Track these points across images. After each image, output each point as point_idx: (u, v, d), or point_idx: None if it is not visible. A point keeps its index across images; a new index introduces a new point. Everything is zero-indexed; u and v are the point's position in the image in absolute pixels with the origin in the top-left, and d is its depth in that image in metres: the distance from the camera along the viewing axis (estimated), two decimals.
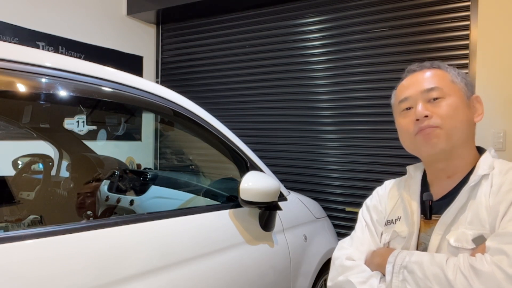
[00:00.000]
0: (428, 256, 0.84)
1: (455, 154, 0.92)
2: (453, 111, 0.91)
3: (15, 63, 1.01)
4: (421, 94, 0.94)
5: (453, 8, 2.60)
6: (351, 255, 1.00)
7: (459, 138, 0.91)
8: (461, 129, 0.91)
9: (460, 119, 0.91)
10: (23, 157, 2.13)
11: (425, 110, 0.91)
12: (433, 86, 0.93)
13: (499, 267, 0.74)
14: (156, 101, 1.37)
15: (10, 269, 0.87)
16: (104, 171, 2.12)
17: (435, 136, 0.90)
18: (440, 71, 0.97)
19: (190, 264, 1.29)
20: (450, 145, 0.91)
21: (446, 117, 0.90)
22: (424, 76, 0.97)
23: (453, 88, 0.93)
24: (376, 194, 1.12)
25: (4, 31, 2.80)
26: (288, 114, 3.25)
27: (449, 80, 0.94)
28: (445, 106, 0.91)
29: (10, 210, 1.63)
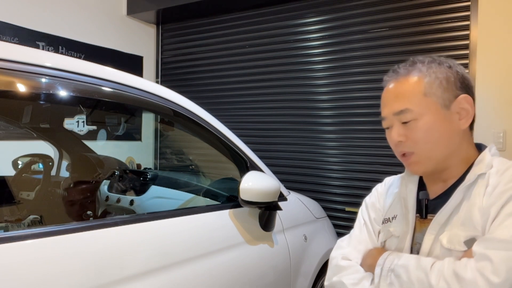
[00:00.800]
0: (414, 260, 0.83)
1: (443, 166, 0.89)
2: (426, 133, 0.86)
3: (15, 63, 1.01)
4: (394, 117, 0.89)
5: (453, 8, 2.60)
6: (347, 255, 1.00)
7: (440, 157, 0.87)
8: (439, 149, 0.87)
9: (436, 139, 0.86)
10: (23, 157, 2.13)
11: (398, 136, 0.88)
12: (402, 108, 0.87)
13: (482, 274, 0.73)
14: (156, 101, 1.37)
15: (10, 269, 0.87)
16: (104, 171, 2.12)
17: (413, 163, 0.89)
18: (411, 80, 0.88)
19: (190, 264, 1.29)
20: (432, 166, 0.89)
21: (420, 141, 0.86)
22: (395, 92, 0.90)
23: (426, 104, 0.86)
24: (375, 192, 1.10)
25: (4, 31, 2.80)
26: (288, 114, 3.25)
27: (421, 93, 0.86)
28: (417, 130, 0.86)
29: (10, 210, 1.63)
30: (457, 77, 0.88)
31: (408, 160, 0.90)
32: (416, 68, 0.90)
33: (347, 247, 1.02)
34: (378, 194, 1.08)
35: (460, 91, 0.87)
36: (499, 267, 0.72)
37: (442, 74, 0.87)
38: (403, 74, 0.91)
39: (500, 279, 0.71)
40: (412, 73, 0.89)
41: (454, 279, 0.75)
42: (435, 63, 0.89)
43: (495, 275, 0.72)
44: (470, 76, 2.49)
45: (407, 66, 0.92)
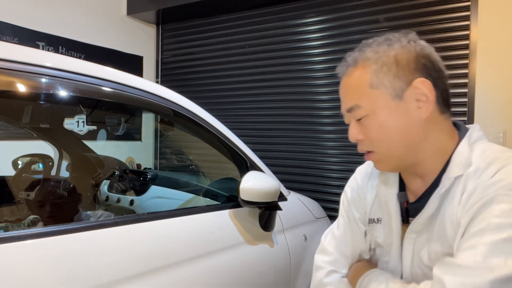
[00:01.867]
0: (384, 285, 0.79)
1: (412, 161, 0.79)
2: (380, 131, 0.76)
3: (15, 63, 1.01)
4: (347, 114, 0.81)
5: (453, 8, 2.60)
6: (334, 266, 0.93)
7: (401, 154, 0.78)
8: (397, 145, 0.77)
9: (392, 135, 0.76)
10: (23, 157, 2.13)
11: (355, 134, 0.80)
12: (352, 105, 0.78)
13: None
14: (156, 101, 1.37)
15: (10, 269, 0.87)
16: (104, 171, 2.12)
17: (375, 161, 0.81)
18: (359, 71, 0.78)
19: (190, 264, 1.29)
20: (395, 164, 0.80)
21: (375, 140, 0.78)
22: (344, 87, 0.81)
23: (374, 98, 0.76)
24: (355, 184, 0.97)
25: (4, 31, 2.80)
26: (288, 114, 3.25)
27: (368, 85, 0.76)
28: (370, 128, 0.77)
29: (10, 210, 1.63)
30: (411, 57, 0.75)
31: (369, 159, 0.82)
32: (364, 55, 0.79)
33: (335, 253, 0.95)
34: (358, 187, 0.96)
35: (416, 75, 0.75)
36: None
37: (390, 58, 0.75)
38: (351, 64, 0.80)
39: None
40: (358, 62, 0.79)
41: None
42: (384, 45, 0.78)
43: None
44: (470, 76, 2.50)
45: (355, 54, 0.81)
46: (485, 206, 0.67)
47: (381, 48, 0.77)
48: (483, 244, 0.65)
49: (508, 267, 0.62)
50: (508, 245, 0.64)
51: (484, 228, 0.66)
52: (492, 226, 0.65)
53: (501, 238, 0.64)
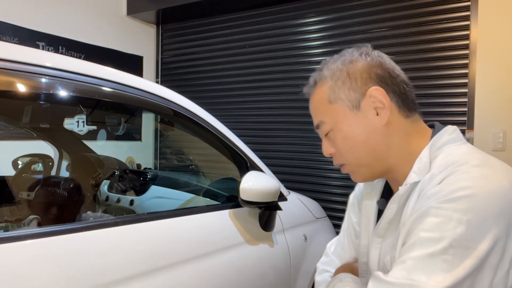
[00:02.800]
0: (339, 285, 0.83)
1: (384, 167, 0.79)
2: (344, 142, 0.79)
3: (15, 63, 1.01)
4: (317, 129, 0.84)
5: (453, 8, 2.60)
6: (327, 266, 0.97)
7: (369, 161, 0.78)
8: (363, 154, 0.78)
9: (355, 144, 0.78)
10: (23, 157, 2.13)
11: (327, 150, 0.83)
12: (317, 122, 0.82)
13: None
14: (156, 101, 1.37)
15: (10, 269, 0.87)
16: (104, 171, 2.12)
17: (349, 172, 0.83)
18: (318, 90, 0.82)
19: (190, 264, 1.29)
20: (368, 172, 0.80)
21: (343, 152, 0.80)
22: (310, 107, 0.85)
23: (334, 112, 0.78)
24: (357, 189, 0.99)
25: (4, 31, 2.80)
26: (288, 114, 3.25)
27: (327, 101, 0.79)
28: (336, 141, 0.80)
29: (10, 210, 1.64)
30: (363, 69, 0.77)
31: (343, 171, 0.84)
32: (321, 73, 0.82)
33: (331, 255, 0.99)
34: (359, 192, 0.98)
35: (369, 84, 0.76)
36: None
37: (343, 73, 0.78)
38: (312, 85, 0.85)
39: None
40: (317, 81, 0.83)
41: None
42: (337, 61, 0.80)
43: None
44: (470, 76, 2.50)
45: (315, 74, 0.85)
46: (419, 219, 0.66)
47: (335, 65, 0.80)
48: (411, 259, 0.63)
49: (431, 284, 0.60)
50: (433, 260, 0.61)
51: (414, 242, 0.65)
52: (420, 240, 0.64)
53: (427, 253, 0.62)
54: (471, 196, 0.61)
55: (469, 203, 0.61)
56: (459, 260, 0.60)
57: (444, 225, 0.61)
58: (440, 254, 0.61)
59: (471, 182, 0.63)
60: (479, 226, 0.60)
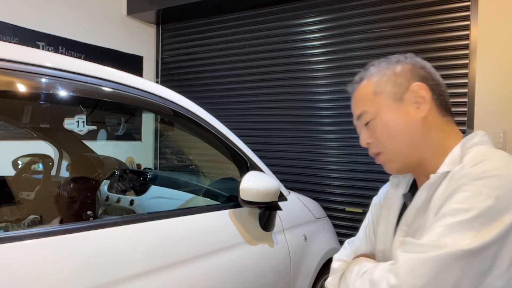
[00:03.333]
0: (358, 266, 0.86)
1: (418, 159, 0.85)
2: (384, 130, 0.85)
3: (15, 63, 1.01)
4: (357, 121, 0.92)
5: (453, 8, 2.60)
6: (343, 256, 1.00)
7: (406, 151, 0.84)
8: (401, 143, 0.84)
9: (395, 133, 0.84)
10: (23, 157, 2.13)
11: (365, 139, 0.89)
12: (359, 112, 0.90)
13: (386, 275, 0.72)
14: (156, 101, 1.37)
15: (10, 269, 0.87)
16: (104, 171, 2.12)
17: (383, 162, 0.89)
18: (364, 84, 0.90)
19: (190, 264, 1.29)
20: (403, 162, 0.86)
21: (381, 140, 0.86)
22: (353, 100, 0.93)
23: (378, 102, 0.86)
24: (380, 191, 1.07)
25: (4, 31, 2.80)
26: (288, 114, 3.25)
27: (371, 93, 0.87)
28: (376, 129, 0.86)
29: (10, 210, 1.64)
30: (407, 68, 0.86)
31: (378, 161, 0.90)
32: (368, 71, 0.92)
33: (348, 248, 1.03)
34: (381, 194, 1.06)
35: (412, 81, 0.84)
36: (400, 269, 0.70)
37: (390, 70, 0.87)
38: (357, 81, 0.93)
39: (397, 281, 0.69)
40: (364, 77, 0.92)
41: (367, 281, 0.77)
42: (384, 62, 0.90)
43: (395, 277, 0.70)
44: (470, 76, 2.50)
45: (361, 73, 0.94)
46: (450, 195, 0.73)
47: (382, 64, 0.90)
48: (440, 226, 0.70)
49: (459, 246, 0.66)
50: (461, 226, 0.67)
51: (444, 213, 0.71)
52: (450, 211, 0.70)
53: (456, 220, 0.68)
54: (500, 176, 0.69)
55: (499, 181, 0.68)
56: (486, 228, 0.66)
57: (474, 197, 0.68)
58: (468, 222, 0.67)
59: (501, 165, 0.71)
60: (507, 201, 0.67)
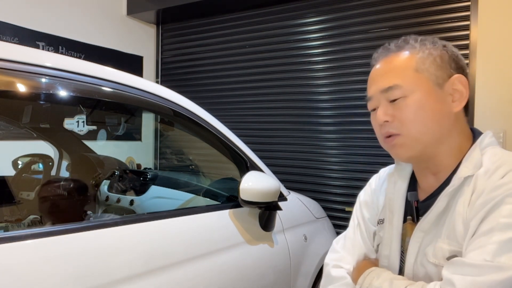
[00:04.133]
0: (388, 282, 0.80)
1: (432, 153, 0.81)
2: (416, 112, 0.78)
3: (15, 63, 1.01)
4: (381, 94, 0.82)
5: (453, 8, 2.60)
6: (340, 262, 0.96)
7: (428, 140, 0.79)
8: (428, 130, 0.78)
9: (426, 119, 0.78)
10: (23, 157, 2.13)
11: (385, 114, 0.81)
12: (391, 84, 0.80)
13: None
14: (156, 101, 1.37)
15: (10, 269, 0.87)
16: (104, 171, 2.12)
17: (397, 145, 0.81)
18: (404, 56, 0.83)
19: (190, 264, 1.29)
20: (418, 151, 0.80)
21: (407, 121, 0.79)
22: (384, 69, 0.84)
23: (417, 80, 0.79)
24: (369, 188, 1.02)
25: (4, 31, 2.80)
26: (288, 114, 3.25)
27: (413, 69, 0.80)
28: (405, 108, 0.79)
29: (10, 210, 1.63)
30: (451, 56, 0.82)
31: (391, 142, 0.82)
32: (409, 44, 0.85)
33: (341, 251, 0.98)
34: (371, 191, 1.01)
35: (454, 71, 0.81)
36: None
37: (436, 51, 0.82)
38: (394, 51, 0.86)
39: None
40: (403, 49, 0.85)
41: None
42: (428, 41, 0.85)
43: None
44: (470, 76, 2.50)
45: (398, 43, 0.87)
46: (494, 207, 0.69)
47: (427, 42, 0.85)
48: (492, 243, 0.67)
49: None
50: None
51: (493, 227, 0.68)
52: (500, 225, 0.67)
53: (509, 237, 0.66)
54: None
55: None
56: None
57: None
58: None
59: None
60: None
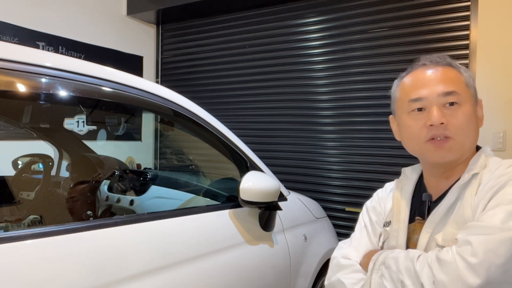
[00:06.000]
0: (405, 252, 0.86)
1: (461, 159, 0.91)
2: (467, 122, 0.87)
3: (15, 63, 1.01)
4: (438, 97, 0.88)
5: (453, 8, 2.60)
6: (347, 254, 1.01)
7: (469, 149, 0.90)
8: (471, 140, 0.89)
9: (472, 129, 0.88)
10: (23, 157, 2.13)
11: (442, 117, 0.86)
12: (451, 90, 0.87)
13: (461, 256, 0.76)
14: (156, 101, 1.37)
15: (10, 269, 0.87)
16: (104, 171, 2.12)
17: (447, 148, 0.87)
18: (454, 71, 0.91)
19: (190, 264, 1.29)
20: (459, 156, 0.89)
21: (460, 128, 0.87)
22: (439, 75, 0.90)
23: (467, 94, 0.90)
24: (376, 196, 1.12)
25: (4, 31, 2.80)
26: (288, 114, 3.25)
27: (464, 83, 0.90)
28: (460, 116, 0.87)
29: (10, 210, 1.63)
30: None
31: (442, 144, 0.87)
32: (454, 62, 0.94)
33: (348, 248, 1.04)
34: (378, 198, 1.10)
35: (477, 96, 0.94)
36: (477, 249, 0.75)
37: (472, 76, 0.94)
38: (444, 63, 0.92)
39: (478, 260, 0.74)
40: (451, 64, 0.93)
41: (436, 262, 0.79)
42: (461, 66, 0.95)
43: (473, 256, 0.75)
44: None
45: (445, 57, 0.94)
46: (499, 189, 0.81)
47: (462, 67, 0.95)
48: (500, 213, 0.78)
49: None
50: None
51: (499, 202, 0.79)
52: (506, 201, 0.79)
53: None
54: None
55: None
56: None
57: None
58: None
59: None
60: None
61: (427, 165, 0.97)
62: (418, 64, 0.95)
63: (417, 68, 0.94)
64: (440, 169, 0.94)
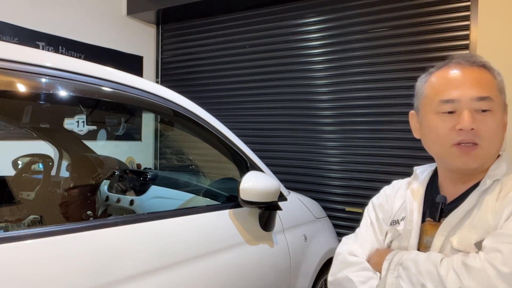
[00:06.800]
0: (425, 255, 0.84)
1: (481, 169, 0.89)
2: (496, 130, 0.85)
3: (15, 63, 1.01)
4: (471, 101, 0.84)
5: (453, 8, 2.60)
6: (353, 251, 0.99)
7: (493, 157, 0.88)
8: (497, 148, 0.87)
9: (500, 138, 0.87)
10: (23, 157, 2.13)
11: (472, 122, 0.83)
12: (486, 95, 0.84)
13: (491, 264, 0.74)
14: (156, 101, 1.37)
15: (10, 269, 0.87)
16: (104, 171, 2.12)
17: (473, 155, 0.85)
18: (488, 74, 0.87)
19: (190, 264, 1.29)
20: (483, 164, 0.87)
21: (489, 136, 0.84)
22: (474, 77, 0.86)
23: (500, 101, 0.86)
24: (383, 193, 1.10)
25: (4, 31, 2.80)
26: (288, 114, 3.25)
27: (497, 89, 0.87)
28: (491, 123, 0.84)
29: (10, 210, 1.63)
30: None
31: (469, 151, 0.85)
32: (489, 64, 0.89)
33: (353, 244, 1.02)
34: (386, 196, 1.08)
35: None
36: (509, 258, 0.73)
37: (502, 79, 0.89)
38: (479, 64, 0.88)
39: (510, 269, 0.72)
40: (486, 66, 0.88)
41: (463, 268, 0.76)
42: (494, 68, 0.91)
43: (505, 266, 0.73)
44: None
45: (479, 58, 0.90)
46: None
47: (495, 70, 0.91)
48: None
49: None
50: None
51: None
52: None
53: None
54: None
55: None
56: None
57: None
58: None
59: None
60: None
61: (446, 169, 0.94)
62: (451, 61, 0.90)
63: (450, 66, 0.89)
64: (459, 175, 0.92)
